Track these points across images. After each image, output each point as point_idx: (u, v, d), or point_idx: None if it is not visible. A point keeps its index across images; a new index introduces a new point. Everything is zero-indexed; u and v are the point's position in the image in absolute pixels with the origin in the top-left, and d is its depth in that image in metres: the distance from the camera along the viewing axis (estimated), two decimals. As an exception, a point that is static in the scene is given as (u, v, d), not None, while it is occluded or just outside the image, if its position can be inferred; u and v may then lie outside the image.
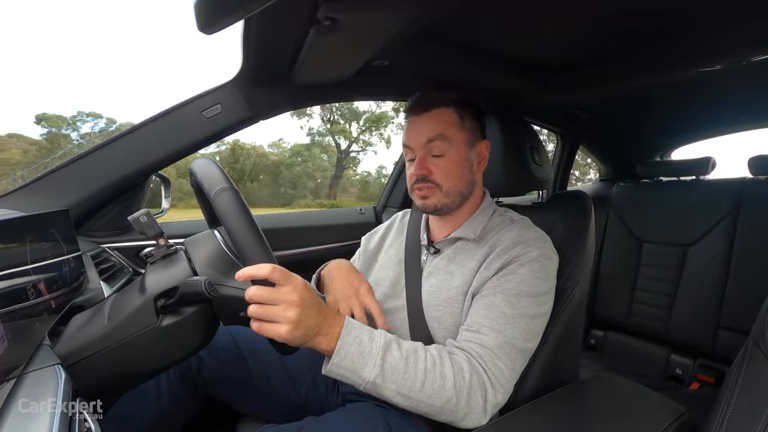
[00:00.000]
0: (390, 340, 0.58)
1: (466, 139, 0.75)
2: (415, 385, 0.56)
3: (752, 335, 0.52)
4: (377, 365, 0.55)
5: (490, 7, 0.76)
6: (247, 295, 0.50)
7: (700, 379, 1.41)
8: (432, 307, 0.73)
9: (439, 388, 0.56)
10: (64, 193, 0.87)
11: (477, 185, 0.79)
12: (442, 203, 0.74)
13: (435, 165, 0.73)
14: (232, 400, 0.84)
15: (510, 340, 0.62)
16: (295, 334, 0.50)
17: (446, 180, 0.73)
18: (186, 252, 0.58)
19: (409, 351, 0.58)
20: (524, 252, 0.68)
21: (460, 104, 0.75)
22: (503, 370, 0.61)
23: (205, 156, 0.71)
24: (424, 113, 0.74)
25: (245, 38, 0.71)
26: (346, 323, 0.56)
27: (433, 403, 0.56)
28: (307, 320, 0.52)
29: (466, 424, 0.59)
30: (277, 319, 0.50)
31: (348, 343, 0.55)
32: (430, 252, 0.80)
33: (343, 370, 0.55)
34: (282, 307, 0.50)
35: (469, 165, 0.76)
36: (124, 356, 0.51)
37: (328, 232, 1.36)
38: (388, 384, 0.55)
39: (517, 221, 0.77)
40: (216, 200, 0.53)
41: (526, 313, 0.64)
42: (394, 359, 0.56)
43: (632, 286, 1.63)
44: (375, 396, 0.58)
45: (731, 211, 1.42)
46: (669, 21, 0.83)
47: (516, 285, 0.66)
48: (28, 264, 0.48)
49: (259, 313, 0.50)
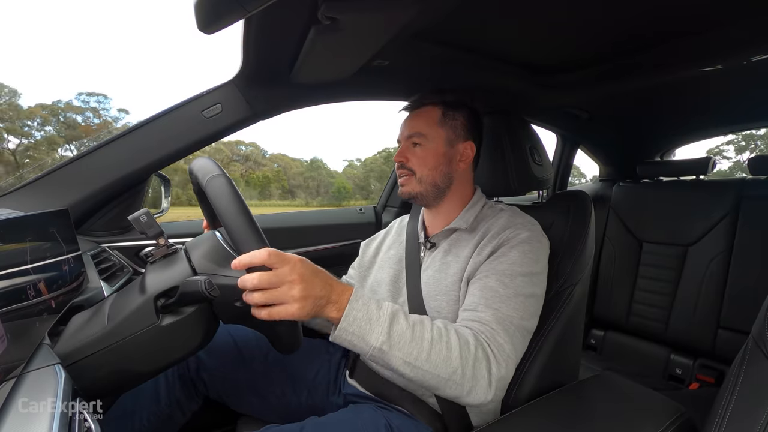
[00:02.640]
0: (397, 309, 0.59)
1: (446, 136, 0.79)
2: (421, 354, 0.56)
3: (752, 335, 0.52)
4: (384, 331, 0.55)
5: (490, 8, 0.76)
6: (250, 283, 0.49)
7: (700, 379, 1.41)
8: (431, 297, 0.74)
9: (445, 359, 0.56)
10: (64, 193, 0.87)
11: (462, 181, 0.82)
12: (416, 191, 0.78)
13: (412, 153, 0.79)
14: (231, 400, 0.84)
15: (507, 317, 0.63)
16: (305, 309, 0.51)
17: (419, 168, 0.78)
18: (186, 252, 0.58)
19: (416, 321, 0.59)
20: (514, 235, 0.71)
21: (448, 105, 0.80)
22: (503, 345, 0.61)
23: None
24: (413, 111, 0.81)
25: (245, 38, 0.71)
26: (355, 291, 0.57)
27: (439, 374, 0.56)
28: (313, 292, 0.52)
29: (471, 399, 0.58)
30: (284, 300, 0.50)
31: (356, 309, 0.55)
32: (427, 247, 0.82)
33: (350, 336, 0.55)
34: (286, 287, 0.50)
35: (447, 160, 0.79)
36: (124, 356, 0.51)
37: (328, 232, 1.36)
38: (395, 351, 0.55)
39: (506, 210, 0.80)
40: (208, 187, 0.53)
41: (519, 292, 0.66)
42: (401, 327, 0.57)
43: (632, 286, 1.63)
44: (382, 365, 0.58)
45: (731, 211, 1.42)
46: (669, 21, 0.83)
47: (508, 266, 0.67)
48: (28, 264, 0.48)
49: (265, 299, 0.50)
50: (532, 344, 0.72)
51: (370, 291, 0.88)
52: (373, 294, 0.86)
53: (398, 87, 1.09)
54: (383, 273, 0.86)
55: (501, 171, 0.90)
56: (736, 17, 0.79)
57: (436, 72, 1.02)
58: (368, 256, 0.94)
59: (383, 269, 0.87)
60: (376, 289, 0.86)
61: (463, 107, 0.81)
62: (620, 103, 1.44)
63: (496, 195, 0.94)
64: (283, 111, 1.02)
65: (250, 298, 0.50)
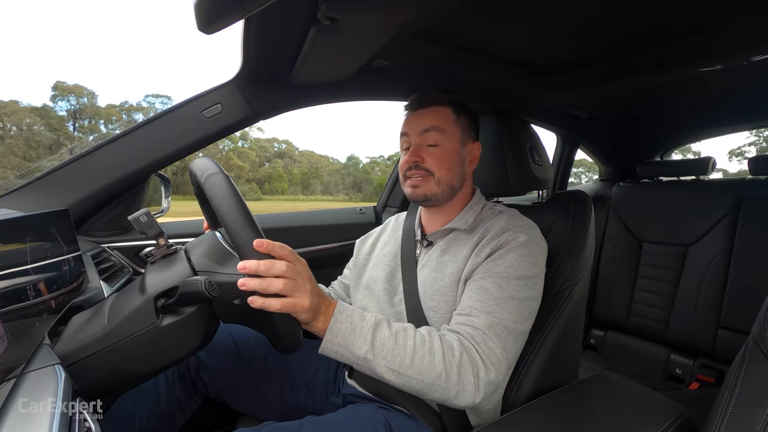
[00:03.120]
0: (380, 319, 0.61)
1: (460, 136, 0.78)
2: (404, 361, 0.57)
3: (752, 335, 0.52)
4: (368, 341, 0.57)
5: (490, 8, 0.76)
6: (278, 269, 0.50)
7: (700, 379, 1.41)
8: (428, 297, 0.74)
9: (429, 365, 0.58)
10: (64, 193, 0.87)
11: (467, 181, 0.82)
12: (433, 192, 0.76)
13: (429, 154, 0.76)
14: (231, 400, 0.84)
15: (500, 320, 0.64)
16: (313, 306, 0.54)
17: (438, 168, 0.76)
18: (186, 252, 0.58)
19: (399, 330, 0.60)
20: (512, 238, 0.71)
21: (457, 105, 0.79)
22: (494, 349, 0.62)
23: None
24: (423, 108, 0.78)
25: (245, 38, 0.71)
26: (339, 304, 0.59)
27: (424, 379, 0.58)
28: (314, 297, 0.55)
29: (459, 401, 0.59)
30: (300, 292, 0.52)
31: (340, 321, 0.58)
32: (424, 245, 0.82)
33: (336, 347, 0.57)
34: (301, 281, 0.53)
35: (461, 160, 0.79)
36: (124, 356, 0.51)
37: (328, 232, 1.36)
38: (379, 360, 0.57)
39: (505, 212, 0.80)
40: (206, 184, 0.54)
41: (515, 295, 0.66)
42: (384, 336, 0.58)
43: (632, 286, 1.63)
44: (369, 373, 0.59)
45: (731, 211, 1.42)
46: (669, 21, 0.83)
47: (505, 269, 0.68)
48: (28, 264, 0.48)
49: (285, 287, 0.51)
50: (531, 344, 0.72)
51: (366, 289, 0.87)
52: (369, 292, 0.85)
53: (398, 87, 1.09)
54: (378, 270, 0.85)
55: (501, 171, 0.90)
56: (736, 17, 0.79)
57: (436, 72, 1.02)
58: (363, 253, 0.93)
59: (378, 266, 0.86)
60: (372, 286, 0.85)
61: (467, 107, 0.81)
62: (620, 103, 1.44)
63: (495, 195, 0.94)
64: (283, 111, 1.02)
65: (267, 284, 0.50)
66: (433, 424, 0.69)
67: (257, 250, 0.50)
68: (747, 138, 18.22)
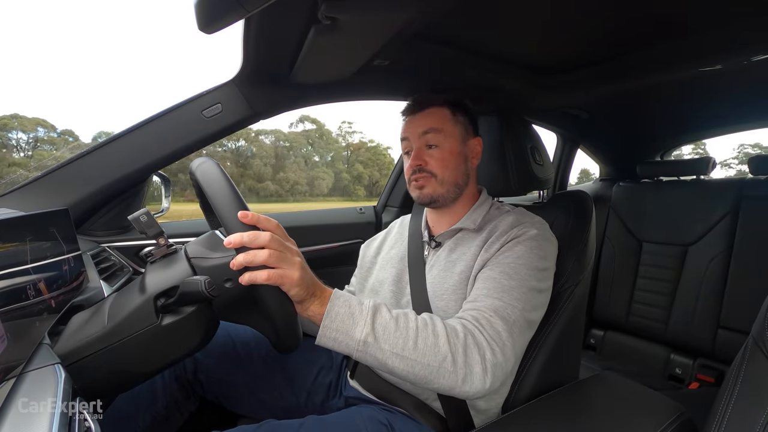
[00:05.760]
0: (379, 304, 0.58)
1: (459, 133, 0.80)
2: (408, 343, 0.55)
3: (752, 335, 0.52)
4: (368, 323, 0.55)
5: (490, 8, 0.76)
6: (262, 239, 0.49)
7: (700, 378, 1.41)
8: (437, 297, 0.73)
9: (433, 346, 0.55)
10: (64, 193, 0.87)
11: (472, 179, 0.83)
12: (438, 193, 0.78)
13: (430, 156, 0.78)
14: (229, 402, 0.84)
15: (507, 306, 0.62)
16: (304, 281, 0.52)
17: (440, 169, 0.77)
18: (186, 252, 0.59)
19: (399, 313, 0.58)
20: (522, 232, 0.71)
21: (453, 105, 0.80)
22: (500, 332, 0.59)
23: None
24: (420, 111, 0.80)
25: (245, 38, 0.71)
26: (335, 290, 0.58)
27: (429, 362, 0.55)
28: (306, 274, 0.53)
29: (468, 387, 0.56)
30: (287, 264, 0.51)
31: (338, 305, 0.55)
32: (432, 246, 0.81)
33: (334, 333, 0.54)
34: (289, 254, 0.52)
35: (463, 158, 0.80)
36: (124, 355, 0.51)
37: (328, 231, 1.36)
38: (381, 343, 0.54)
39: (513, 210, 0.80)
40: (197, 172, 0.54)
41: (523, 284, 0.65)
42: (384, 319, 0.56)
43: (632, 285, 1.63)
44: (371, 361, 0.56)
45: (731, 211, 1.42)
46: (669, 21, 0.83)
47: (513, 260, 0.67)
48: (28, 263, 0.48)
49: (270, 257, 0.49)
50: (533, 344, 0.72)
51: (371, 292, 0.86)
52: (374, 295, 0.85)
53: (398, 87, 1.09)
54: (385, 273, 0.85)
55: (502, 171, 0.90)
56: (736, 17, 0.79)
57: (436, 72, 1.02)
58: (368, 257, 0.93)
59: (385, 269, 0.85)
60: (378, 289, 0.84)
61: (462, 104, 0.82)
62: (620, 103, 1.44)
63: (496, 195, 0.94)
64: (283, 111, 1.02)
65: (252, 256, 0.49)
66: (435, 427, 0.69)
67: (242, 222, 0.50)
68: (733, 150, 27.83)
